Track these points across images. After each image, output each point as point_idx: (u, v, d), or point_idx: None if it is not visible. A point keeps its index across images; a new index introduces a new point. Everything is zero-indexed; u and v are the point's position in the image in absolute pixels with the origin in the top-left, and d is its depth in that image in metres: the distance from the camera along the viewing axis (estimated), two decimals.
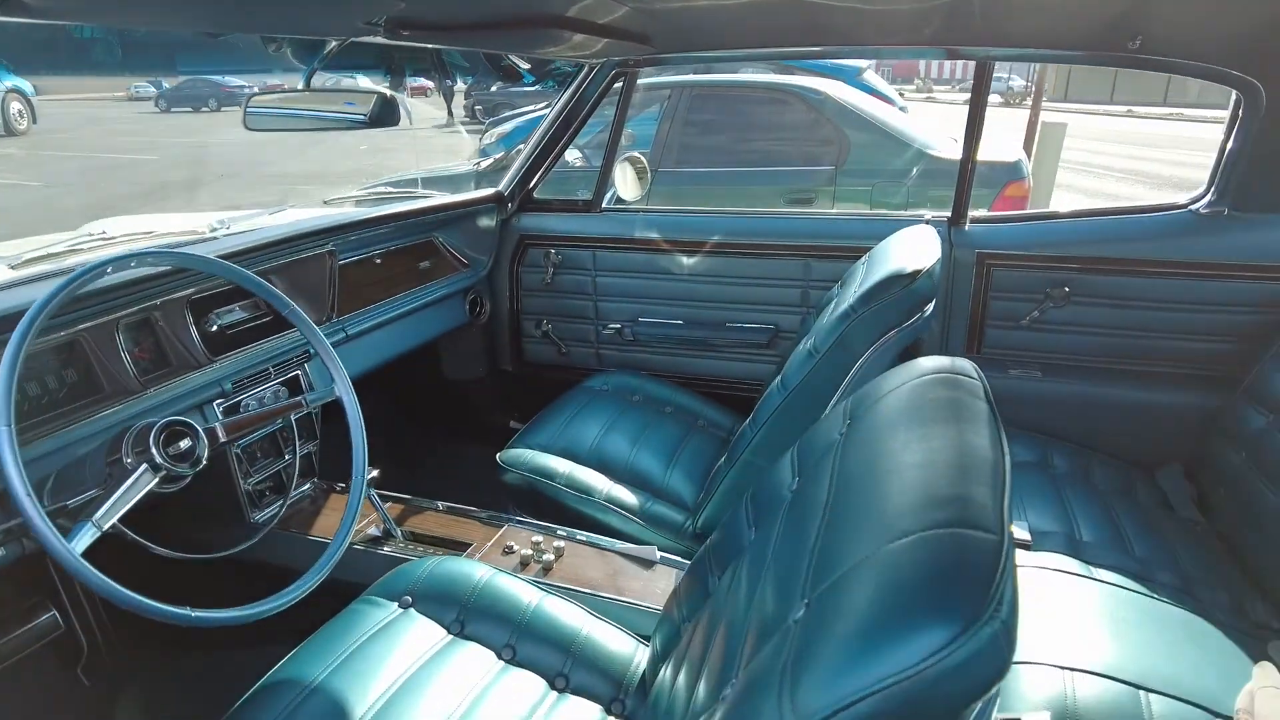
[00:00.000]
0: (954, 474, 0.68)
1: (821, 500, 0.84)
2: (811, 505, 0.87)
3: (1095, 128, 17.54)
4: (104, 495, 1.06)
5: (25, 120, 15.06)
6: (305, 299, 1.88)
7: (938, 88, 37.19)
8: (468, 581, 1.35)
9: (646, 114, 4.94)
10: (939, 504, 0.64)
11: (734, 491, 1.62)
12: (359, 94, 1.81)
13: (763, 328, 2.34)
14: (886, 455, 0.78)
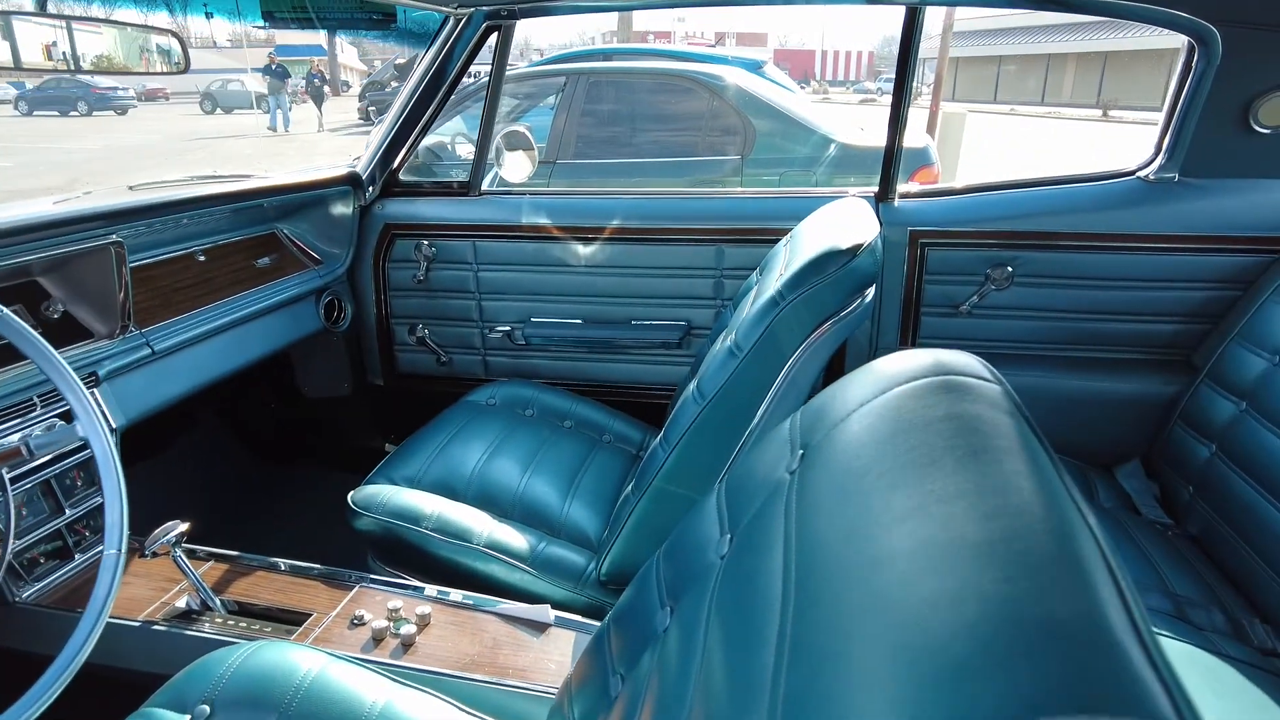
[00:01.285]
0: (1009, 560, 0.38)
1: (774, 582, 0.53)
2: (758, 587, 0.56)
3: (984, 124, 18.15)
4: None
5: None
6: (89, 305, 1.47)
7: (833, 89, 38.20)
8: (289, 678, 0.98)
9: (542, 106, 4.62)
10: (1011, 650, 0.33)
11: (645, 528, 1.31)
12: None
13: (673, 324, 2.04)
14: (873, 520, 0.48)
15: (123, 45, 1.52)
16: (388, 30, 2.05)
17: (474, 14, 1.88)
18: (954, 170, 7.11)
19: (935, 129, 7.92)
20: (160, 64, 1.56)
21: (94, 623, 0.92)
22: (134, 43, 1.52)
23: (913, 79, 1.78)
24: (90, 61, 1.50)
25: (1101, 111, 22.87)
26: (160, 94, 28.97)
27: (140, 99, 25.15)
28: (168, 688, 1.01)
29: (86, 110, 21.81)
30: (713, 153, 4.30)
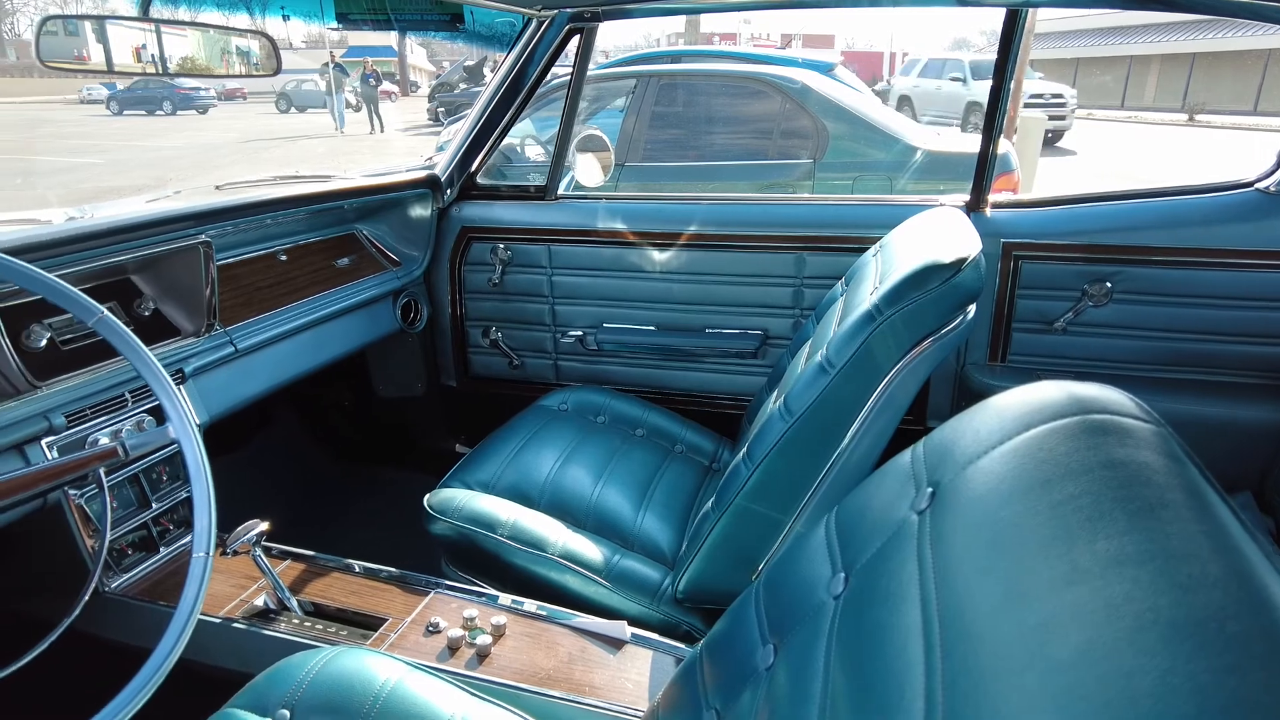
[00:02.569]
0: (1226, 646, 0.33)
1: (912, 640, 0.49)
2: (891, 642, 0.51)
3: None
4: None
5: None
6: (177, 303, 1.49)
7: None
8: (368, 686, 0.97)
9: (611, 108, 4.62)
10: None
11: (725, 547, 1.26)
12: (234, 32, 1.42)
13: (750, 333, 1.99)
14: (1034, 580, 0.43)
15: (206, 47, 1.55)
16: (456, 31, 2.05)
17: (557, 16, 1.87)
18: (1032, 178, 6.87)
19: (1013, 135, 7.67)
20: (239, 65, 1.58)
21: (184, 624, 0.92)
22: (216, 45, 1.55)
23: (1010, 83, 1.70)
24: (176, 63, 1.53)
25: (1187, 116, 21.89)
26: (239, 94, 29.99)
27: (220, 98, 26.06)
28: (248, 690, 1.01)
29: (171, 110, 22.72)
30: (784, 156, 4.23)
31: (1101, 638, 0.36)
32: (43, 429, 1.21)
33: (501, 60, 2.03)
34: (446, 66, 22.93)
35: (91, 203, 1.58)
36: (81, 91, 27.42)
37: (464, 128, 2.08)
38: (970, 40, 71.18)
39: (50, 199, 8.62)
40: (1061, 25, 31.53)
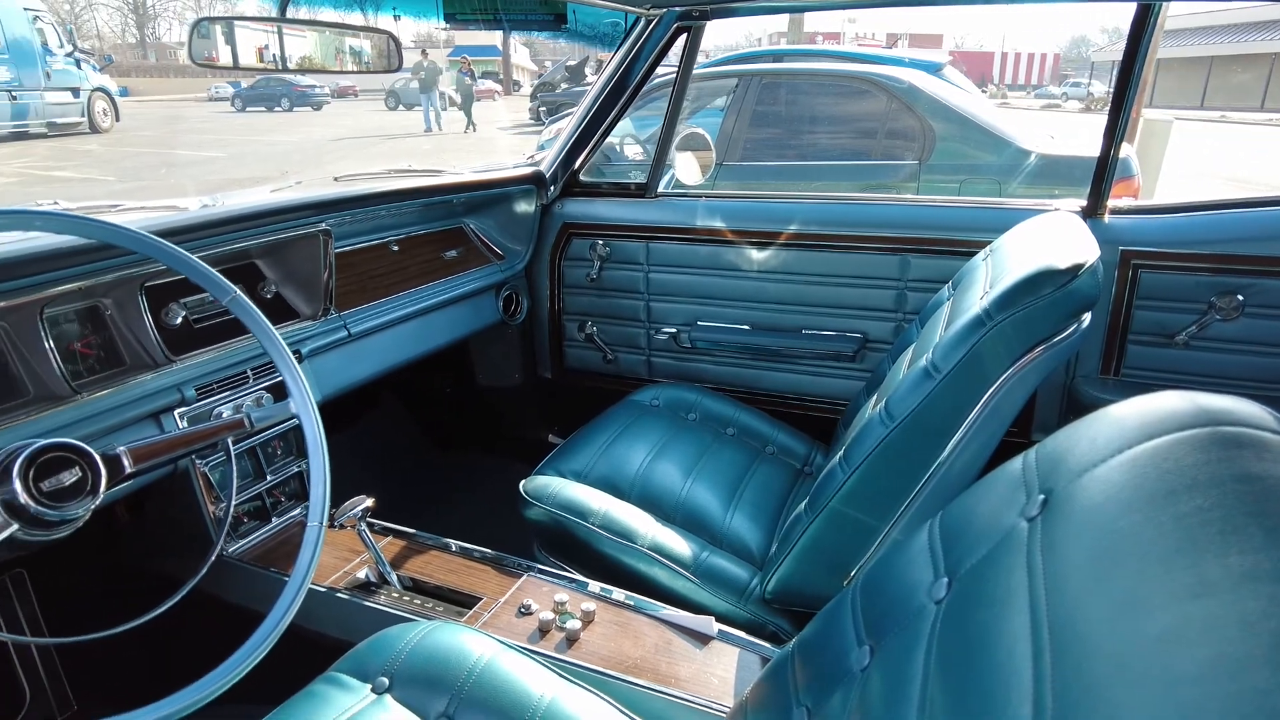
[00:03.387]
0: None
1: (1019, 645, 0.48)
2: (998, 647, 0.51)
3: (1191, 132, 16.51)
4: None
5: (109, 119, 15.62)
6: (297, 288, 1.58)
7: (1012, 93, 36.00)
8: (463, 661, 1.01)
9: (711, 108, 4.60)
10: None
11: (817, 550, 1.25)
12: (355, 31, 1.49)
13: (848, 336, 1.96)
14: (1155, 590, 0.42)
15: (321, 47, 1.63)
16: (560, 30, 2.10)
17: (665, 15, 1.88)
18: (1154, 183, 6.48)
19: (1135, 137, 7.26)
20: (352, 63, 1.66)
21: (297, 589, 0.98)
22: (331, 44, 1.63)
23: (1138, 83, 1.62)
24: (295, 62, 1.61)
25: None
26: (350, 91, 31.33)
27: (333, 96, 27.25)
28: (350, 656, 1.06)
29: (288, 106, 23.95)
30: (887, 157, 4.14)
31: (1233, 653, 0.35)
32: (176, 400, 1.31)
33: (606, 59, 2.06)
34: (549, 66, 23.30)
35: (219, 192, 1.69)
36: (210, 90, 29.23)
37: (569, 125, 2.12)
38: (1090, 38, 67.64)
39: (188, 188, 9.23)
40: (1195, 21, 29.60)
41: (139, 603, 1.02)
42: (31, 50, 13.71)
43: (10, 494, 0.80)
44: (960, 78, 5.71)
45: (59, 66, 14.27)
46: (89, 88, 15.06)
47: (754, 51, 6.90)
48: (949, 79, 5.00)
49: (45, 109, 14.14)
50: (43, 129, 14.22)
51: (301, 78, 22.99)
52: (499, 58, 31.34)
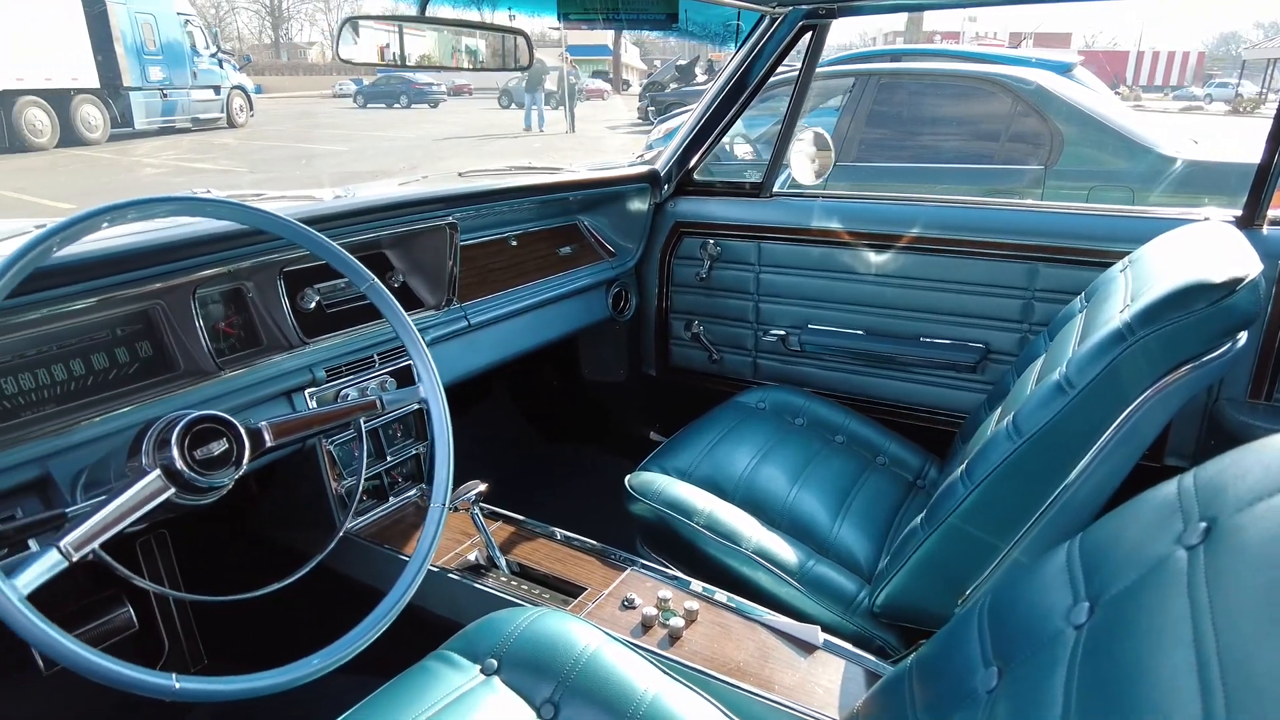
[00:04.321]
0: None
1: (1181, 679, 0.45)
2: (1154, 680, 0.48)
3: None
4: (90, 510, 0.81)
5: (245, 115, 16.70)
6: (422, 278, 1.64)
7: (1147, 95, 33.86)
8: (570, 649, 1.03)
9: (825, 107, 4.52)
10: None
11: (932, 566, 1.21)
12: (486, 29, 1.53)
13: (969, 346, 1.88)
14: None
15: (439, 46, 1.68)
16: (671, 28, 2.09)
17: (790, 13, 1.86)
18: None
19: None
20: (468, 62, 1.70)
21: (418, 569, 1.01)
22: (448, 43, 1.68)
23: None
24: (414, 60, 1.66)
25: None
26: (465, 89, 32.31)
27: (449, 94, 28.15)
28: (461, 636, 1.09)
29: (406, 104, 24.89)
30: (1010, 161, 3.96)
31: None
32: (307, 380, 1.38)
33: (720, 59, 2.05)
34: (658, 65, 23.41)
35: (350, 184, 1.77)
36: (334, 87, 30.71)
37: (686, 124, 2.12)
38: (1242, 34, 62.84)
39: (315, 180, 9.76)
40: None
41: (264, 570, 1.08)
42: (182, 52, 14.81)
43: (169, 460, 0.86)
44: (1091, 78, 5.41)
45: (204, 66, 15.37)
46: (229, 86, 16.15)
47: (869, 51, 6.74)
48: (1079, 80, 4.74)
49: (190, 105, 15.25)
50: (187, 124, 15.33)
51: (420, 75, 23.87)
52: (609, 57, 31.69)
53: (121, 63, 13.54)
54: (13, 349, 1.09)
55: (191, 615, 1.64)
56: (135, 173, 10.78)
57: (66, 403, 1.13)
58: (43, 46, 12.26)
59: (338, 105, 25.77)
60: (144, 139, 14.01)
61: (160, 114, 14.66)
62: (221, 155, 12.60)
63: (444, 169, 11.08)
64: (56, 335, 1.14)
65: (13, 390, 1.09)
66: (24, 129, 12.27)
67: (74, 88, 12.93)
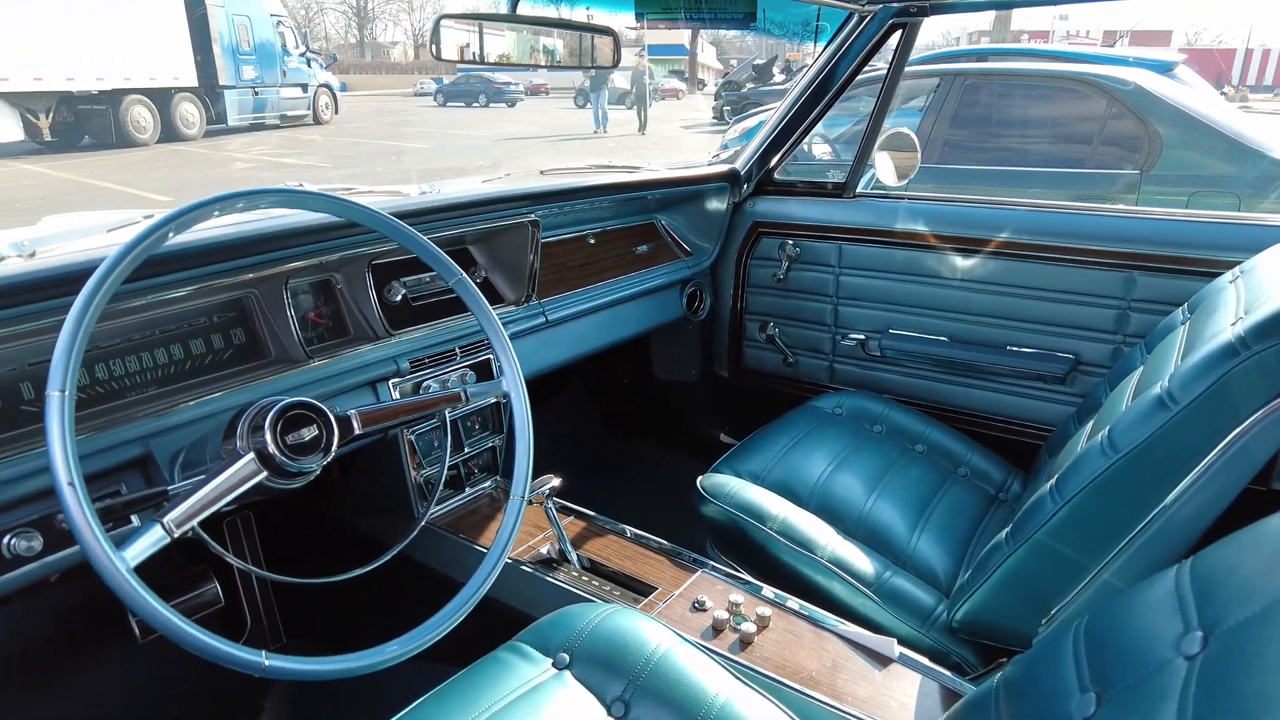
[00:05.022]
0: None
1: None
2: (1269, 711, 0.45)
3: None
4: (190, 489, 0.85)
5: (330, 112, 17.29)
6: (503, 274, 1.67)
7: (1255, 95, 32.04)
8: (641, 648, 1.03)
9: (907, 108, 4.42)
10: None
11: (1016, 582, 1.17)
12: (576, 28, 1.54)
13: (1058, 356, 1.81)
14: None
15: (518, 45, 1.70)
16: (748, 26, 2.08)
17: (880, 11, 1.82)
18: None
19: None
20: (545, 61, 1.71)
21: (496, 561, 1.03)
22: (526, 42, 1.69)
23: None
24: (493, 58, 1.68)
25: None
26: (542, 89, 32.71)
27: (526, 93, 28.54)
28: (534, 629, 1.10)
29: (485, 102, 25.35)
30: (1103, 165, 3.80)
31: None
32: (391, 371, 1.41)
33: (805, 57, 2.02)
34: (735, 65, 23.21)
35: (428, 181, 1.81)
36: (415, 85, 31.48)
37: (768, 123, 2.10)
38: None
39: (397, 176, 10.04)
40: None
41: (340, 554, 1.11)
42: (273, 51, 15.43)
43: (262, 444, 0.89)
44: (1195, 78, 5.15)
45: (293, 65, 15.97)
46: (315, 84, 16.75)
47: (953, 51, 6.57)
48: (1181, 79, 4.52)
49: (279, 103, 15.88)
50: (276, 121, 15.96)
51: (499, 74, 24.27)
52: (686, 56, 31.66)
53: (218, 62, 14.19)
54: (120, 333, 1.15)
55: (272, 595, 1.70)
56: (227, 167, 11.28)
57: (166, 385, 1.18)
58: (148, 48, 12.95)
59: (418, 103, 26.45)
60: (235, 135, 14.64)
61: (251, 111, 15.30)
62: (307, 151, 13.06)
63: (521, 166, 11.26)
64: (158, 321, 1.19)
65: (120, 372, 1.15)
66: (129, 126, 12.97)
67: (175, 86, 13.61)
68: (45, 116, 12.09)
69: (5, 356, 1.05)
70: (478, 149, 13.39)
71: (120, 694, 1.57)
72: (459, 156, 12.37)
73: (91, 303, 0.79)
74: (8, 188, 9.46)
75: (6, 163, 11.07)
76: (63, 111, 12.37)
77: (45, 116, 12.09)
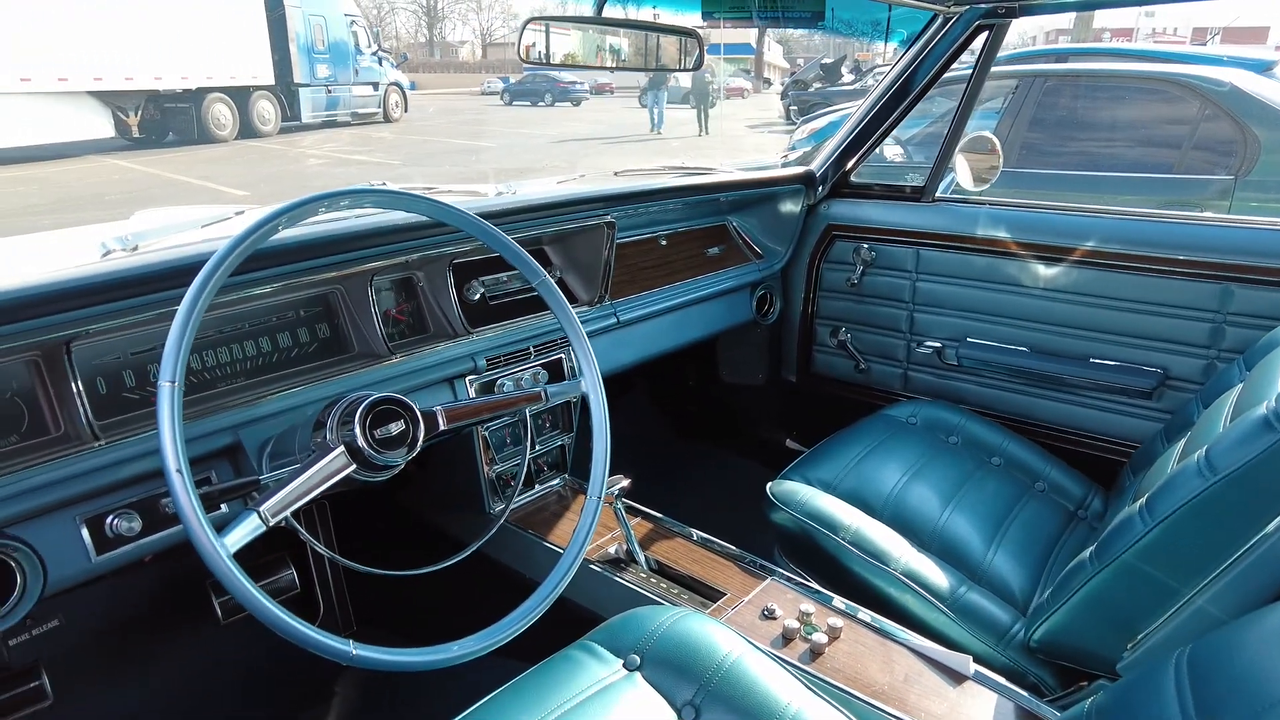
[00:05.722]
0: None
1: None
2: None
3: None
4: (285, 479, 0.87)
5: (399, 110, 17.69)
6: (578, 274, 1.68)
7: None
8: (712, 654, 1.02)
9: (983, 110, 4.31)
10: None
11: (1100, 604, 1.13)
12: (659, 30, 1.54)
13: (1145, 370, 1.74)
14: None
15: (583, 45, 1.70)
16: (816, 25, 2.05)
17: (966, 13, 1.77)
18: None
19: None
20: (610, 61, 1.72)
21: (573, 560, 1.03)
22: (593, 42, 1.69)
23: None
24: (559, 58, 1.69)
25: None
26: (607, 88, 32.83)
27: (590, 92, 28.68)
28: (604, 629, 1.10)
29: (550, 101, 25.58)
30: (1193, 170, 3.64)
31: None
32: (469, 369, 1.44)
33: (875, 56, 1.99)
34: (801, 64, 22.91)
35: (504, 181, 1.83)
36: (483, 85, 31.95)
37: (846, 124, 2.07)
38: None
39: (488, 175, 10.22)
40: None
41: (412, 546, 1.13)
42: (347, 50, 15.86)
43: (352, 437, 0.92)
44: None
45: (365, 64, 16.39)
46: (386, 82, 17.15)
47: (1030, 51, 6.38)
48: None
49: (351, 100, 16.32)
50: (347, 118, 16.40)
51: (564, 74, 24.43)
52: (751, 55, 31.42)
53: (294, 61, 14.65)
54: (212, 326, 1.19)
55: (345, 583, 1.75)
56: (301, 163, 11.63)
57: (255, 377, 1.22)
58: (230, 47, 13.46)
59: (484, 102, 26.85)
60: (308, 131, 15.08)
61: (324, 109, 15.76)
62: (378, 149, 13.39)
63: (588, 166, 11.31)
64: (247, 315, 1.24)
65: (211, 363, 1.20)
66: (210, 122, 13.49)
67: (253, 85, 14.09)
68: (134, 114, 12.65)
69: (109, 346, 1.10)
70: (539, 148, 13.51)
71: (200, 672, 1.64)
72: (527, 155, 12.52)
73: (201, 296, 0.83)
74: (98, 182, 9.92)
75: (97, 158, 11.61)
76: (150, 109, 12.93)
77: (134, 114, 12.65)
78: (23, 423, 1.02)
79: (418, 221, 1.27)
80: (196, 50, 12.87)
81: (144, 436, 1.06)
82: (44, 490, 0.98)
